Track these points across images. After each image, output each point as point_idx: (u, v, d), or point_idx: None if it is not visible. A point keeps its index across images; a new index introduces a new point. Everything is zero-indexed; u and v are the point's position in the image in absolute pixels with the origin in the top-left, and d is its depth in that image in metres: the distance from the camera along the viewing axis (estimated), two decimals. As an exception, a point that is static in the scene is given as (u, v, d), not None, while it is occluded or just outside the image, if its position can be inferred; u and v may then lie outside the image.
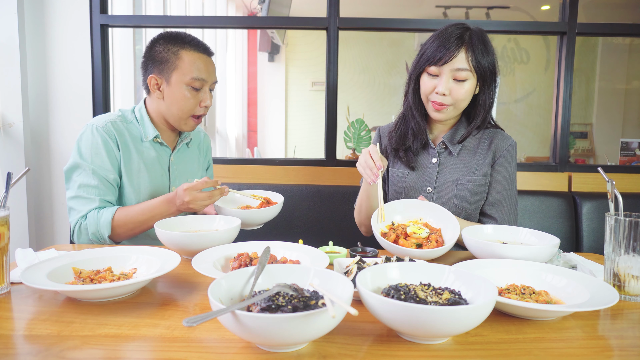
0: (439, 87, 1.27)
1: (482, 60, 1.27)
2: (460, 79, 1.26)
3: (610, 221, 0.89)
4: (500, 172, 1.37)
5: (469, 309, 0.62)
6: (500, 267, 0.91)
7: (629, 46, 4.48)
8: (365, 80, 4.83)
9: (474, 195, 1.36)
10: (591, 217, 1.90)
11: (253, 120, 5.22)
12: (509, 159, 1.38)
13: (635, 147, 2.43)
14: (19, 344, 0.66)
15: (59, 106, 2.10)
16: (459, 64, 1.25)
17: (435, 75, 1.29)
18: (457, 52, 1.24)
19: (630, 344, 0.68)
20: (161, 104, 1.38)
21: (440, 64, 1.26)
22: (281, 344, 0.62)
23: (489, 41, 1.30)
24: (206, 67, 1.36)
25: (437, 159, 1.39)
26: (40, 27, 2.06)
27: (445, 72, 1.26)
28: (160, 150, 1.43)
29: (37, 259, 1.00)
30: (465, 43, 1.25)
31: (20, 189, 2.02)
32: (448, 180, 1.38)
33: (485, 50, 1.28)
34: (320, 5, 2.13)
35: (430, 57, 1.28)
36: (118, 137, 1.34)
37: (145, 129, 1.40)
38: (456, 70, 1.25)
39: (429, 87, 1.30)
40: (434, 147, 1.40)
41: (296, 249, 1.03)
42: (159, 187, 1.42)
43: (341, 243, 1.29)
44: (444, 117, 1.33)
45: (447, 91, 1.27)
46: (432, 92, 1.29)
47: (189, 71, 1.33)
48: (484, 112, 1.35)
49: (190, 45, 1.35)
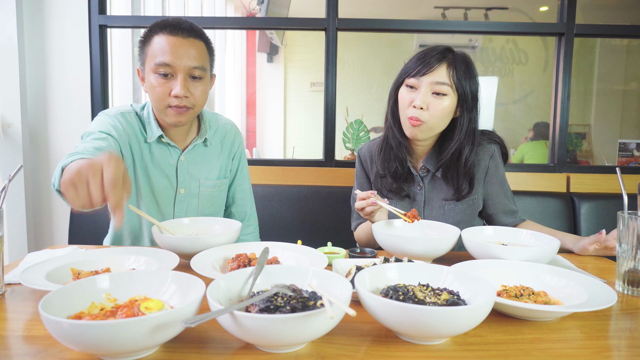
0: (415, 101, 1.22)
1: (464, 81, 1.22)
2: (440, 92, 1.21)
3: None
4: (495, 182, 1.37)
5: (467, 310, 0.62)
6: (499, 267, 0.91)
7: (627, 47, 4.50)
8: (364, 81, 4.83)
9: (463, 218, 1.35)
10: (589, 218, 1.91)
11: (252, 120, 5.22)
12: (496, 167, 1.37)
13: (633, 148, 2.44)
14: (17, 344, 0.65)
15: (58, 107, 2.10)
16: (439, 77, 1.21)
17: (414, 87, 1.24)
18: (438, 65, 1.21)
19: (629, 345, 0.69)
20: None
21: (419, 75, 1.22)
22: (280, 345, 0.62)
23: (473, 67, 1.27)
24: (173, 50, 1.18)
25: (422, 185, 1.37)
26: (39, 28, 2.06)
27: (424, 84, 1.22)
28: (168, 150, 1.34)
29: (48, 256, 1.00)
30: (447, 59, 1.22)
31: (19, 189, 2.01)
32: (436, 206, 1.36)
33: (469, 73, 1.24)
34: (319, 6, 2.13)
35: (409, 69, 1.24)
36: (128, 129, 1.29)
37: (150, 129, 1.31)
38: (436, 84, 1.21)
39: (406, 100, 1.25)
40: (416, 173, 1.37)
41: (295, 250, 1.03)
42: (163, 189, 1.35)
43: (340, 244, 1.29)
44: (420, 135, 1.26)
45: (424, 105, 1.21)
46: (410, 105, 1.24)
47: (153, 56, 1.19)
48: (462, 137, 1.27)
49: (160, 27, 1.21)
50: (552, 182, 2.06)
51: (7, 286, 0.88)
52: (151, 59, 1.21)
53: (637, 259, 0.88)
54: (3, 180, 1.96)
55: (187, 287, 0.71)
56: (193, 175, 1.39)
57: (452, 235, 1.08)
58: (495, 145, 1.38)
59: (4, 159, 2.00)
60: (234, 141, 1.49)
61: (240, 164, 1.52)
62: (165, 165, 1.35)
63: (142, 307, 0.67)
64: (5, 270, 0.94)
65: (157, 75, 1.20)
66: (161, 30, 1.21)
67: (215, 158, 1.43)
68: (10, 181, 0.88)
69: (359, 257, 1.07)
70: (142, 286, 0.74)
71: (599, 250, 1.20)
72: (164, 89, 1.21)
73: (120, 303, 0.71)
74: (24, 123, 2.02)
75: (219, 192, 1.46)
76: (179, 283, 0.73)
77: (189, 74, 1.21)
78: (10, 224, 2.01)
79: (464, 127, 1.27)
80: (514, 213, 1.40)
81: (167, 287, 0.73)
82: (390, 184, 1.36)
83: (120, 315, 0.66)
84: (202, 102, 1.27)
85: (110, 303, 0.71)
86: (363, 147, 1.49)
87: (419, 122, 1.23)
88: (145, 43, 1.24)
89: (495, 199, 1.38)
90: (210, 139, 1.41)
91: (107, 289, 0.72)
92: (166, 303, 0.70)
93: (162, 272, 0.75)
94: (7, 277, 0.91)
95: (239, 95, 4.82)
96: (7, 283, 0.89)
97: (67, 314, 0.65)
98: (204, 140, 1.39)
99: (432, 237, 1.10)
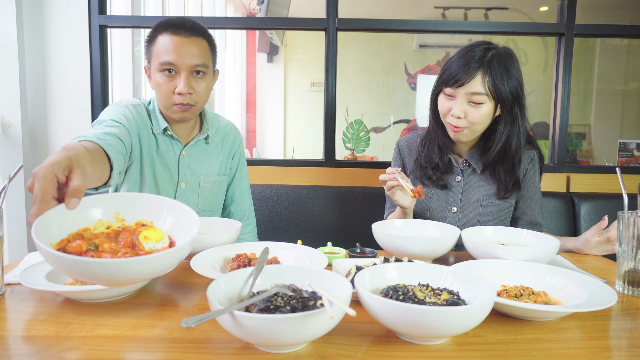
0: (453, 110, 1.25)
1: (501, 85, 1.21)
2: (476, 102, 1.22)
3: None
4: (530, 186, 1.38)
5: (467, 310, 0.62)
6: (499, 267, 0.91)
7: (627, 47, 4.49)
8: (364, 81, 4.83)
9: (499, 215, 1.36)
10: (589, 218, 1.91)
11: (252, 121, 5.22)
12: (534, 171, 1.39)
13: (633, 147, 2.44)
14: (17, 344, 0.65)
15: (58, 107, 2.10)
16: (474, 87, 1.21)
17: (451, 96, 1.26)
18: (474, 75, 1.20)
19: (629, 345, 0.69)
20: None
21: (455, 87, 1.23)
22: (279, 345, 0.62)
23: (512, 63, 1.24)
24: (176, 49, 1.23)
25: (460, 177, 1.39)
26: (39, 28, 2.06)
27: (460, 95, 1.23)
28: (171, 144, 1.39)
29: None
30: (483, 66, 1.20)
31: (19, 189, 2.01)
32: (473, 200, 1.38)
33: (507, 74, 1.21)
34: (319, 6, 2.13)
35: (446, 79, 1.25)
36: (138, 119, 1.33)
37: (157, 120, 1.36)
38: (471, 94, 1.22)
39: (444, 108, 1.28)
40: (457, 165, 1.40)
41: (295, 250, 1.03)
42: (165, 181, 1.38)
43: (340, 244, 1.29)
44: (462, 138, 1.30)
45: (461, 114, 1.23)
46: (448, 114, 1.27)
47: (158, 56, 1.25)
48: (506, 133, 1.28)
49: (164, 27, 1.26)
50: (552, 182, 2.06)
51: (7, 286, 0.88)
52: (156, 58, 1.26)
53: (637, 259, 0.88)
54: (3, 180, 1.96)
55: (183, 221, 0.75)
56: (194, 171, 1.42)
57: (452, 235, 1.08)
58: (535, 150, 1.40)
59: (4, 159, 2.00)
60: (235, 141, 1.54)
61: (239, 164, 1.56)
62: (168, 158, 1.38)
63: (142, 236, 0.68)
64: (5, 270, 0.94)
65: (162, 73, 1.26)
66: (165, 30, 1.26)
67: (215, 155, 1.47)
68: (10, 181, 0.88)
69: (359, 257, 1.07)
70: (151, 210, 0.77)
71: (600, 244, 1.19)
72: (168, 86, 1.26)
73: (127, 224, 0.73)
74: (24, 123, 2.02)
75: (219, 188, 1.49)
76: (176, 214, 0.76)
77: (191, 71, 1.26)
78: (10, 224, 2.01)
79: (508, 124, 1.28)
80: (538, 226, 1.40)
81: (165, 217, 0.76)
82: (430, 175, 1.40)
83: (120, 240, 0.68)
84: (205, 98, 1.33)
85: (118, 222, 0.72)
86: (402, 139, 1.54)
87: (459, 128, 1.26)
88: (151, 42, 1.29)
89: (524, 203, 1.39)
90: (211, 137, 1.46)
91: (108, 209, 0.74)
92: (166, 234, 0.72)
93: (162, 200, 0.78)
94: (7, 277, 0.91)
95: (239, 95, 4.82)
96: (7, 283, 0.89)
97: (69, 232, 0.68)
98: (206, 137, 1.44)
99: (432, 237, 1.10)
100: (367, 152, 2.36)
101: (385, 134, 4.75)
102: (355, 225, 1.91)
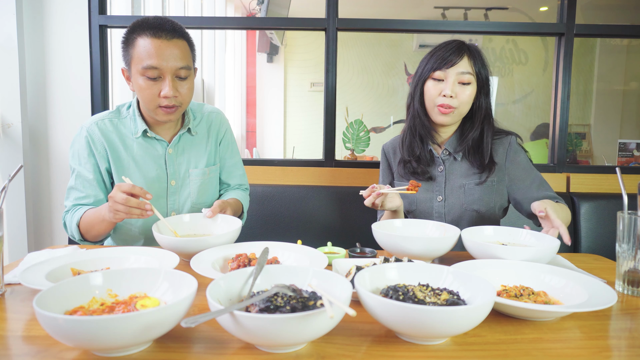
0: (445, 90, 1.35)
1: (482, 69, 1.39)
2: (465, 81, 1.35)
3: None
4: (516, 168, 1.42)
5: (467, 310, 0.62)
6: (499, 267, 0.91)
7: (627, 47, 4.49)
8: (363, 81, 4.83)
9: (482, 197, 1.41)
10: (589, 218, 1.91)
11: (252, 121, 5.22)
12: (515, 153, 1.43)
13: (633, 148, 2.43)
14: (17, 344, 0.65)
15: (58, 107, 2.10)
16: (463, 68, 1.35)
17: (440, 79, 1.37)
18: (461, 58, 1.36)
19: (629, 345, 0.69)
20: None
21: (446, 68, 1.35)
22: (280, 345, 0.62)
23: (484, 56, 1.43)
24: (159, 52, 1.21)
25: (443, 167, 1.46)
26: (39, 28, 2.06)
27: (451, 75, 1.35)
28: (154, 144, 1.38)
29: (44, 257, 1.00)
30: (466, 52, 1.37)
31: (19, 190, 2.01)
32: (455, 186, 1.44)
33: (483, 63, 1.40)
34: (319, 6, 2.13)
35: (436, 63, 1.38)
36: (103, 137, 1.34)
37: (135, 124, 1.36)
38: (461, 74, 1.35)
39: (434, 92, 1.38)
40: (438, 155, 1.47)
41: (295, 250, 1.03)
42: (155, 182, 1.38)
43: (340, 244, 1.29)
44: (450, 120, 1.39)
45: (453, 93, 1.35)
46: (439, 95, 1.37)
47: (140, 59, 1.22)
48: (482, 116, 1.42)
49: (143, 29, 1.22)
50: (552, 182, 2.06)
51: (7, 286, 0.88)
52: (137, 62, 1.23)
53: (637, 259, 0.88)
54: (3, 180, 1.96)
55: (179, 285, 0.73)
56: (182, 165, 1.43)
57: (452, 235, 1.08)
58: (511, 136, 1.46)
59: (4, 159, 2.00)
60: (220, 128, 1.52)
61: (229, 145, 1.55)
62: (155, 159, 1.38)
63: (139, 304, 0.68)
64: (5, 270, 0.94)
65: (145, 77, 1.23)
66: (144, 32, 1.23)
67: (202, 147, 1.47)
68: (10, 181, 0.88)
69: (359, 257, 1.07)
70: (142, 284, 0.74)
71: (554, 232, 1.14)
72: (153, 90, 1.25)
73: (120, 299, 0.71)
74: (24, 123, 2.02)
75: (209, 179, 1.48)
76: (171, 281, 0.74)
77: (175, 74, 1.25)
78: (10, 224, 2.01)
79: (483, 109, 1.41)
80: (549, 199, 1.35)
81: (160, 284, 0.74)
82: (415, 168, 1.47)
83: (118, 311, 0.66)
84: (188, 99, 1.33)
85: (111, 299, 0.71)
86: (387, 144, 1.63)
87: (450, 109, 1.36)
88: (129, 44, 1.26)
89: (519, 184, 1.42)
90: (195, 128, 1.45)
91: (100, 286, 0.73)
92: (162, 301, 0.71)
93: (155, 270, 0.76)
94: (7, 277, 0.91)
95: (238, 95, 4.82)
96: (7, 283, 0.89)
97: (65, 309, 0.66)
98: (188, 130, 1.43)
99: (432, 237, 1.10)
100: (367, 152, 2.36)
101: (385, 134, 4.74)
102: (355, 225, 1.92)
